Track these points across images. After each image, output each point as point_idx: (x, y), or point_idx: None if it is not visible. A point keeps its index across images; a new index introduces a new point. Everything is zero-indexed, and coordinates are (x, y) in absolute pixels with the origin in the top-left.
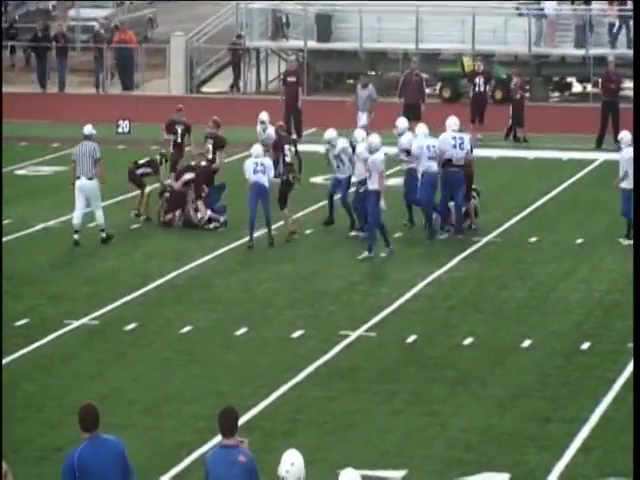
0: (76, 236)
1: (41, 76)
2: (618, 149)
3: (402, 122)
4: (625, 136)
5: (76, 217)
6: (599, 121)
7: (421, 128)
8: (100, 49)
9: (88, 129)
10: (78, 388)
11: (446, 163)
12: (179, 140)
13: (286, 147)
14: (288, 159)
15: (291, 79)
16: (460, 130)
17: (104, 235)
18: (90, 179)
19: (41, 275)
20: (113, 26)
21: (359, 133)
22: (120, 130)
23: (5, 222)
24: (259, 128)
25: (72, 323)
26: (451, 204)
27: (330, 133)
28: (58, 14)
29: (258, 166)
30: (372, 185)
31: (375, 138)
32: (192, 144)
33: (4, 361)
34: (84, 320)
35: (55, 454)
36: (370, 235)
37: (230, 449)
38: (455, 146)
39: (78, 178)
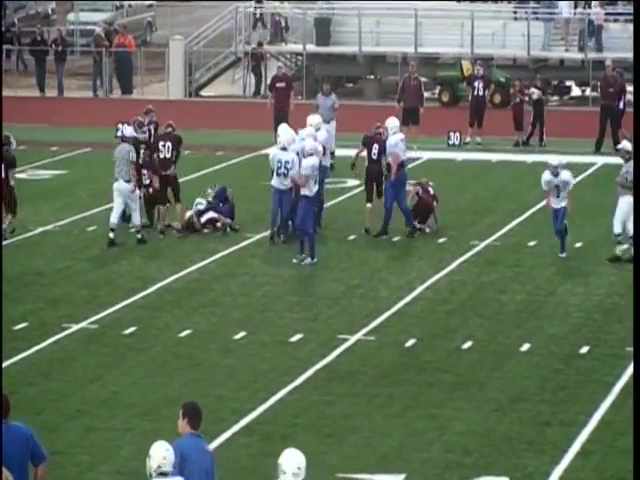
0: (111, 235)
1: (40, 80)
2: (556, 175)
3: (314, 119)
4: (560, 161)
5: (113, 216)
6: (598, 125)
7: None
8: (99, 53)
9: (127, 131)
10: (77, 392)
11: (401, 166)
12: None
13: (160, 143)
14: (162, 155)
15: (280, 85)
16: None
17: (139, 236)
18: (127, 181)
19: (40, 279)
20: (112, 30)
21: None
22: (119, 134)
23: (4, 226)
24: (307, 131)
25: (71, 327)
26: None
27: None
28: (57, 18)
29: (282, 167)
30: (304, 191)
31: (309, 143)
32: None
33: (3, 365)
34: (83, 324)
35: (54, 458)
36: (310, 239)
37: (199, 438)
38: (404, 150)
39: (116, 180)
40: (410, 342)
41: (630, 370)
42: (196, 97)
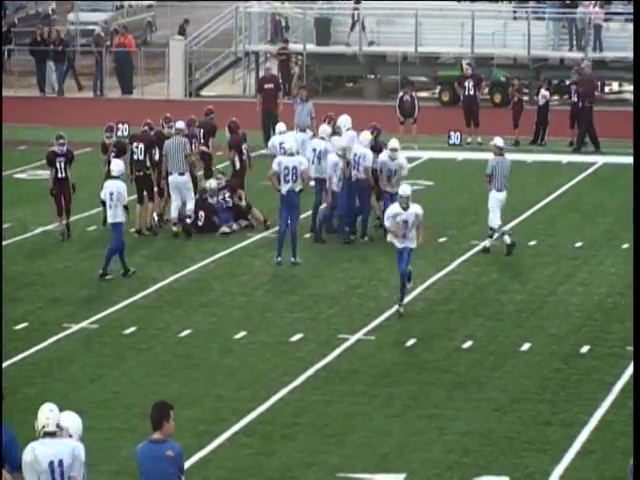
0: (174, 228)
1: (40, 80)
2: (405, 207)
3: (281, 126)
4: (408, 190)
5: (173, 211)
6: (591, 126)
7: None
8: (99, 53)
9: (180, 124)
10: (77, 392)
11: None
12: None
13: (134, 144)
14: (135, 157)
15: (268, 86)
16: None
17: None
18: (182, 174)
19: (40, 279)
20: (112, 30)
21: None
22: (119, 134)
23: (5, 226)
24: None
25: (71, 327)
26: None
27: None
28: (57, 18)
29: (290, 174)
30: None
31: (290, 142)
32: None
33: (4, 365)
34: (83, 324)
35: None
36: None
37: (158, 444)
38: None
39: (170, 174)
40: (410, 342)
41: (630, 369)
42: (196, 97)
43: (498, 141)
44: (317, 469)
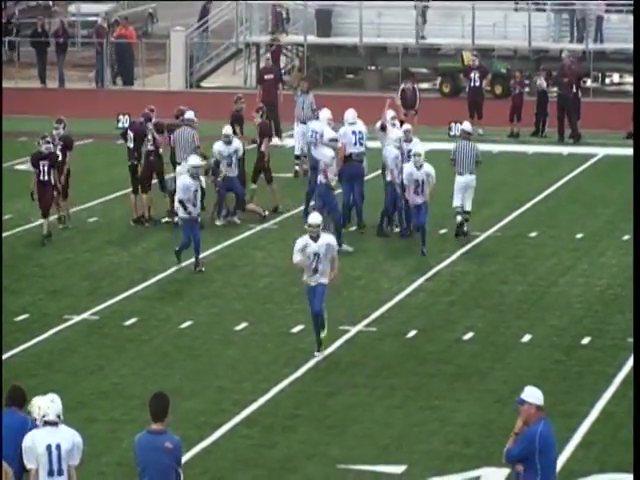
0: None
1: (41, 71)
2: (315, 238)
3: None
4: (317, 219)
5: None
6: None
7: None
8: (100, 44)
9: (189, 114)
10: (78, 383)
11: (348, 157)
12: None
13: (128, 132)
14: (128, 144)
15: (268, 77)
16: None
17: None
18: None
19: (41, 270)
20: (113, 21)
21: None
22: (120, 125)
23: (5, 217)
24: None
25: (72, 318)
26: None
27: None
28: (58, 9)
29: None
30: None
31: (327, 131)
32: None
33: (4, 356)
34: (84, 315)
35: None
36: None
37: (156, 435)
38: (356, 142)
39: (179, 163)
40: (411, 333)
41: (631, 361)
42: (197, 88)
43: (466, 126)
44: (318, 460)
